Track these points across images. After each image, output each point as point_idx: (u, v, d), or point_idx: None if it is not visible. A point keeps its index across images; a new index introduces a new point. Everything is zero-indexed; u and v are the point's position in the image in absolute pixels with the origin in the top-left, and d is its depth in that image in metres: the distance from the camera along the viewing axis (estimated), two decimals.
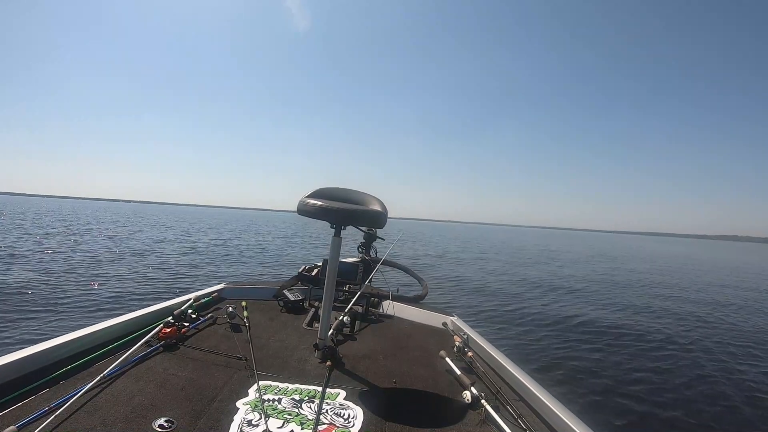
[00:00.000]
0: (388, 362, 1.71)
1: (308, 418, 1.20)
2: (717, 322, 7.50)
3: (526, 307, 7.61)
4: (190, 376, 1.39)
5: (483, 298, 8.26)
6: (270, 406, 1.24)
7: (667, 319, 7.54)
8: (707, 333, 6.65)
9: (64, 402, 1.11)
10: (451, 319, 2.28)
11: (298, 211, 1.53)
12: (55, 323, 4.60)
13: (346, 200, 1.62)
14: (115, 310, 5.16)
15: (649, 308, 8.52)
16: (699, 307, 9.12)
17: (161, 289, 6.77)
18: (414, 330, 2.22)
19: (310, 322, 2.13)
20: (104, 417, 1.10)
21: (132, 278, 7.42)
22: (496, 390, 1.45)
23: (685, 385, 4.21)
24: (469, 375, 1.53)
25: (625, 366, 4.66)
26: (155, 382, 1.32)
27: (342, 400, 1.33)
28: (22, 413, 1.08)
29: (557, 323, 6.49)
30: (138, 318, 1.79)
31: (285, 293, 2.40)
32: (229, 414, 1.18)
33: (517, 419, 1.26)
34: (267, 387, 1.37)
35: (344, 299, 2.50)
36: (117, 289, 6.45)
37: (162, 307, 1.94)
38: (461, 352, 1.76)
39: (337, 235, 1.59)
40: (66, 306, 5.35)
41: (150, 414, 1.13)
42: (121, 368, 1.37)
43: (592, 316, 7.17)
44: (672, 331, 6.52)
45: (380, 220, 1.56)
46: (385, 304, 2.55)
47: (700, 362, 5.03)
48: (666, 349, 5.52)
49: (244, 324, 1.94)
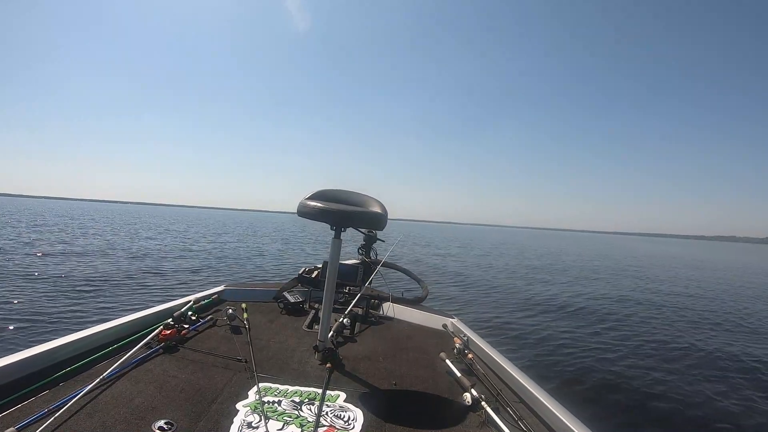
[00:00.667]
0: (388, 364, 1.71)
1: (308, 420, 1.20)
2: (717, 323, 7.49)
3: (526, 307, 7.60)
4: (190, 378, 1.39)
5: (483, 299, 8.25)
6: (270, 408, 1.24)
7: (670, 321, 7.52)
8: (709, 334, 6.63)
9: (64, 404, 1.11)
10: (451, 320, 2.28)
11: (298, 213, 1.53)
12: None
13: (345, 202, 1.62)
14: (115, 313, 5.15)
15: (650, 309, 8.51)
16: (699, 307, 9.11)
17: (161, 291, 6.77)
18: (414, 332, 2.22)
19: (310, 323, 2.13)
20: (104, 419, 1.10)
21: (132, 280, 7.41)
22: (497, 392, 1.45)
23: (687, 386, 4.20)
24: (469, 377, 1.53)
25: (626, 367, 4.64)
26: (155, 384, 1.32)
27: (342, 402, 1.33)
28: (22, 415, 1.07)
29: (558, 324, 6.47)
30: (138, 320, 1.79)
31: (285, 295, 2.40)
32: (229, 416, 1.18)
33: (517, 421, 1.26)
34: (267, 389, 1.36)
35: (344, 301, 2.50)
36: (117, 291, 6.44)
37: (162, 309, 1.94)
38: (461, 353, 1.76)
39: (337, 237, 1.59)
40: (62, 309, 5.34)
41: (150, 416, 1.13)
42: (120, 370, 1.37)
43: (592, 318, 7.16)
44: (675, 333, 6.51)
45: (380, 221, 1.56)
46: (385, 306, 2.55)
47: (701, 363, 5.02)
48: (668, 350, 5.51)
49: (244, 326, 1.94)
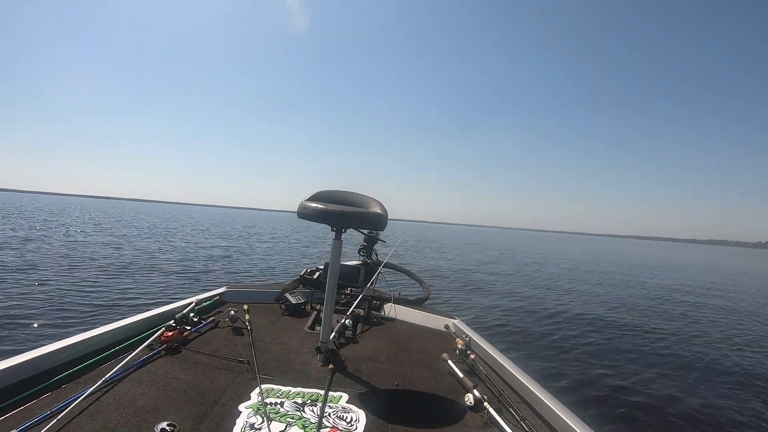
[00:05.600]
0: (391, 365, 1.70)
1: (311, 421, 1.20)
2: (715, 324, 7.47)
3: (527, 307, 7.59)
4: (192, 380, 1.39)
5: (484, 300, 8.24)
6: (272, 410, 1.24)
7: (671, 321, 7.51)
8: (713, 335, 6.61)
9: (66, 406, 1.11)
10: (453, 321, 2.27)
11: (298, 214, 1.53)
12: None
13: (346, 203, 1.62)
14: (117, 315, 5.16)
15: (651, 311, 8.49)
16: (700, 309, 9.08)
17: (163, 293, 6.77)
18: (416, 333, 2.22)
19: (312, 325, 2.13)
20: (106, 421, 1.10)
21: (132, 282, 7.42)
22: (499, 392, 1.45)
23: (689, 386, 4.19)
24: (471, 377, 1.53)
25: (629, 367, 4.63)
26: (157, 386, 1.32)
27: (344, 404, 1.33)
28: (24, 417, 1.08)
29: (560, 324, 6.46)
30: (140, 322, 1.80)
31: (287, 296, 2.40)
32: (231, 418, 1.18)
33: (519, 422, 1.26)
34: (269, 390, 1.36)
35: (346, 302, 2.50)
36: (118, 293, 6.45)
37: (164, 311, 1.94)
38: (463, 354, 1.76)
39: (337, 238, 1.59)
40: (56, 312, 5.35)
41: (152, 418, 1.13)
42: (123, 372, 1.37)
43: (593, 318, 7.14)
44: (675, 334, 6.49)
45: (381, 222, 1.56)
46: (386, 307, 2.55)
47: (703, 364, 5.01)
48: (670, 351, 5.49)
49: (245, 327, 1.94)
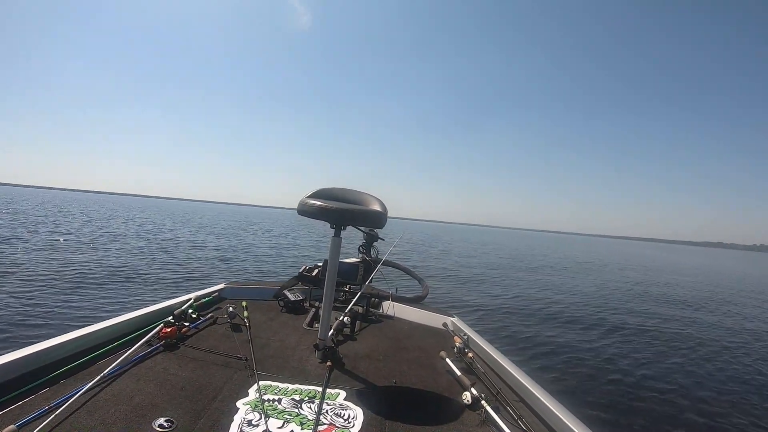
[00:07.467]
0: (388, 363, 1.71)
1: (308, 418, 1.20)
2: (714, 324, 7.49)
3: (525, 306, 7.60)
4: (191, 376, 1.39)
5: (483, 298, 8.26)
6: (270, 406, 1.24)
7: (671, 323, 7.53)
8: (710, 335, 6.64)
9: (64, 401, 1.11)
10: (452, 319, 2.28)
11: (298, 211, 1.54)
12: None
13: (345, 200, 1.62)
14: (116, 310, 5.16)
15: (651, 311, 8.51)
16: (699, 310, 9.10)
17: (161, 289, 6.77)
18: (414, 330, 2.22)
19: (310, 322, 2.13)
20: (104, 416, 1.10)
21: (132, 277, 7.42)
22: (496, 391, 1.45)
23: (688, 386, 4.20)
24: (469, 376, 1.54)
25: (627, 367, 4.65)
26: (155, 382, 1.32)
27: (342, 401, 1.33)
28: (22, 412, 1.08)
29: (557, 323, 6.48)
30: (138, 317, 1.80)
31: (285, 293, 2.40)
32: (229, 414, 1.18)
33: (517, 420, 1.26)
34: (267, 387, 1.37)
35: (344, 299, 2.51)
36: (117, 288, 6.45)
37: (162, 307, 1.94)
38: (461, 352, 1.76)
39: (337, 236, 1.59)
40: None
41: (150, 413, 1.14)
42: (121, 368, 1.37)
43: (592, 318, 7.17)
44: (675, 335, 6.51)
45: (380, 220, 1.56)
46: (385, 305, 2.55)
47: (703, 364, 5.03)
48: (668, 351, 5.51)
49: (244, 324, 1.94)
